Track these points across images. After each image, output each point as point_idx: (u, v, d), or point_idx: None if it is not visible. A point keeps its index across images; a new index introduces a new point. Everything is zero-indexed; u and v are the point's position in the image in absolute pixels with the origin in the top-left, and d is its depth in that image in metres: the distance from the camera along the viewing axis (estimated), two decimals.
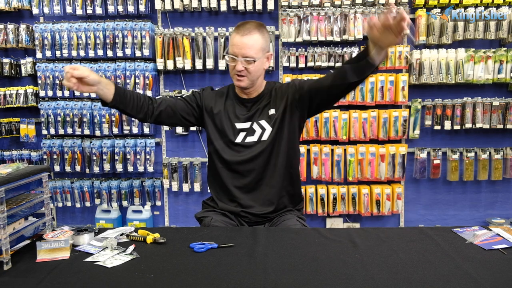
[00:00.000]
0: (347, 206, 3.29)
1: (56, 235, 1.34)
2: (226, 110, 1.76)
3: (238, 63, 1.63)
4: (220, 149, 1.74)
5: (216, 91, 1.83)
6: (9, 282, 1.13)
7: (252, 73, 1.65)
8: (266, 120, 1.72)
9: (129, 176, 3.50)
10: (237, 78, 1.67)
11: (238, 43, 1.62)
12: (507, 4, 3.11)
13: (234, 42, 1.64)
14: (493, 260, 1.23)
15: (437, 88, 3.33)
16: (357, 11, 3.11)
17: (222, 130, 1.74)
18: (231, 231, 1.55)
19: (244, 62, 1.63)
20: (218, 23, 3.34)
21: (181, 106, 1.76)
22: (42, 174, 1.46)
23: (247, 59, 1.62)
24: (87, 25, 3.28)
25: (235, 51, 1.63)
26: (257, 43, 1.64)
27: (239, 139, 1.73)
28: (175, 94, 3.28)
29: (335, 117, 3.19)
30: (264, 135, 1.72)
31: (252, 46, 1.62)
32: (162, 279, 1.12)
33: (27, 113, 3.53)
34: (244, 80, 1.66)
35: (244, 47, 1.62)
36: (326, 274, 1.14)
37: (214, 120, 1.76)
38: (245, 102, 1.76)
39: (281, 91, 1.75)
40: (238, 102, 1.77)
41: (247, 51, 1.62)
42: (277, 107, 1.72)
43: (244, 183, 1.74)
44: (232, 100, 1.78)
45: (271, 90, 1.77)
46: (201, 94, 1.80)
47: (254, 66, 1.64)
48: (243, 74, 1.64)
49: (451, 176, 3.30)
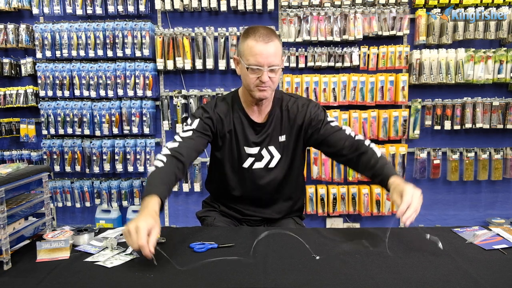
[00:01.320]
0: (347, 206, 3.29)
1: (56, 235, 1.34)
2: (235, 132, 1.64)
3: (263, 73, 1.47)
4: (228, 171, 1.68)
5: (219, 107, 1.64)
6: (9, 282, 1.13)
7: (275, 83, 1.54)
8: (275, 146, 1.64)
9: (129, 176, 3.50)
10: (260, 90, 1.51)
11: (263, 52, 1.46)
12: (507, 4, 3.11)
13: (257, 51, 1.46)
14: (493, 260, 1.23)
15: (437, 88, 3.33)
16: (357, 11, 3.11)
17: (231, 152, 1.66)
18: (231, 231, 1.55)
19: (269, 72, 1.49)
20: (218, 23, 3.34)
21: (199, 142, 1.57)
22: (42, 174, 1.46)
23: (273, 67, 1.49)
24: (87, 25, 3.28)
25: (259, 61, 1.47)
26: (279, 49, 1.52)
27: (247, 164, 1.65)
28: (175, 94, 3.28)
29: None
30: (272, 162, 1.65)
31: (276, 53, 1.49)
32: (162, 279, 1.12)
33: (27, 113, 3.53)
34: (268, 90, 1.53)
35: (269, 56, 1.47)
36: (326, 274, 1.14)
37: (224, 142, 1.65)
38: (255, 125, 1.64)
39: (294, 115, 1.63)
40: (248, 124, 1.64)
41: (273, 60, 1.48)
42: (288, 134, 1.64)
43: (247, 203, 1.72)
44: (241, 119, 1.64)
45: (281, 109, 1.64)
46: (212, 120, 1.61)
47: (278, 74, 1.53)
48: (268, 84, 1.51)
49: (451, 176, 3.30)
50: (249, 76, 1.50)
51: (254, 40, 1.48)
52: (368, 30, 3.14)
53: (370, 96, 3.18)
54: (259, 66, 1.47)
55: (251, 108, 1.63)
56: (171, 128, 3.38)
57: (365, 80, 3.15)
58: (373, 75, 3.17)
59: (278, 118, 1.64)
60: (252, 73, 1.50)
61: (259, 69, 1.48)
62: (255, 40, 1.47)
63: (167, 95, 3.35)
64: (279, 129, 1.64)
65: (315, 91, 3.19)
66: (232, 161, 1.66)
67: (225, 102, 1.66)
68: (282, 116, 1.64)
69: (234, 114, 1.64)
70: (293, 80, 3.18)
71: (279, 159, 1.65)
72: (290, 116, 1.64)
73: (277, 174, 1.66)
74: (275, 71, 1.51)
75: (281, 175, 1.67)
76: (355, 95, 3.19)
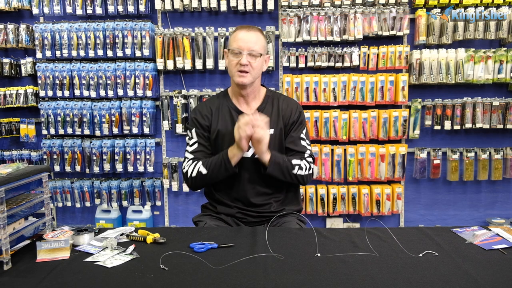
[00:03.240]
0: (347, 206, 3.29)
1: (56, 235, 1.34)
2: (225, 125, 1.72)
3: (243, 56, 1.62)
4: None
5: (209, 107, 1.76)
6: (9, 282, 1.13)
7: (255, 69, 1.66)
8: None
9: (129, 176, 3.50)
10: (239, 75, 1.65)
11: (244, 38, 1.63)
12: (507, 4, 3.11)
13: (239, 37, 1.64)
14: (493, 260, 1.24)
15: (437, 88, 3.33)
16: (357, 11, 3.11)
17: (221, 147, 1.71)
18: (231, 231, 1.55)
19: (249, 57, 1.63)
20: (218, 23, 3.34)
21: (208, 144, 1.74)
22: (42, 174, 1.46)
23: (253, 52, 1.63)
24: (87, 25, 3.28)
25: (240, 45, 1.63)
26: (261, 40, 1.67)
27: None
28: (175, 94, 3.29)
29: (335, 117, 3.19)
30: None
31: (257, 41, 1.65)
32: (162, 279, 1.12)
33: (27, 113, 3.53)
34: (247, 76, 1.65)
35: (250, 41, 1.63)
36: (326, 274, 1.14)
37: (217, 137, 1.73)
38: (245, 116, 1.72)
39: (283, 112, 1.74)
40: (237, 115, 1.70)
41: (253, 45, 1.63)
42: (275, 128, 1.72)
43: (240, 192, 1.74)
44: (230, 111, 1.74)
45: (272, 105, 1.75)
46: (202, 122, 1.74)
47: (258, 61, 1.65)
48: (247, 69, 1.63)
49: (451, 176, 3.30)
50: (231, 61, 1.66)
51: (239, 30, 1.68)
52: (368, 30, 3.14)
53: (370, 96, 3.18)
54: (239, 49, 1.63)
55: (239, 101, 1.76)
56: (171, 128, 3.38)
57: (365, 80, 3.15)
58: (373, 75, 3.17)
59: (268, 112, 1.73)
60: (233, 56, 1.65)
61: (240, 52, 1.63)
62: (239, 30, 1.68)
63: (167, 95, 3.35)
64: (269, 121, 1.69)
65: (315, 91, 3.19)
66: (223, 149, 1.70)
67: (215, 99, 1.81)
68: (272, 111, 1.75)
69: (224, 108, 1.76)
70: (293, 80, 3.18)
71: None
72: (279, 112, 1.75)
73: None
74: (254, 57, 1.64)
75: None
76: (355, 95, 3.19)
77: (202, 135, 1.74)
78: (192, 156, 1.72)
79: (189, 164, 1.70)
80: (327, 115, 3.19)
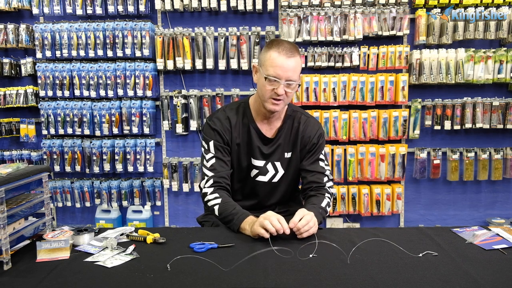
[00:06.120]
0: (347, 206, 3.29)
1: (56, 235, 1.34)
2: (243, 143, 1.67)
3: (280, 86, 1.51)
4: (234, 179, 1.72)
5: (228, 118, 1.66)
6: (9, 282, 1.13)
7: (289, 97, 1.58)
8: (281, 162, 1.69)
9: (129, 176, 3.50)
10: (273, 102, 1.55)
11: (284, 65, 1.49)
12: (507, 4, 3.11)
13: (278, 64, 1.49)
14: (493, 260, 1.23)
15: (437, 88, 3.33)
16: (357, 11, 3.11)
17: (238, 162, 1.69)
18: (231, 231, 1.55)
19: (286, 86, 1.52)
20: (218, 23, 3.34)
21: (226, 158, 1.65)
22: (42, 174, 1.46)
23: (290, 82, 1.52)
24: (87, 25, 3.28)
25: (279, 74, 1.50)
26: (299, 66, 1.55)
27: (252, 174, 1.70)
28: (175, 94, 3.28)
29: (335, 117, 3.19)
30: (276, 177, 1.70)
31: (296, 69, 1.53)
32: (162, 279, 1.12)
33: (27, 113, 3.53)
34: (280, 104, 1.56)
35: (289, 70, 1.50)
36: (326, 274, 1.14)
37: (232, 151, 1.68)
38: (264, 139, 1.68)
39: (303, 134, 1.68)
40: (258, 137, 1.67)
41: (292, 75, 1.51)
42: (293, 151, 1.69)
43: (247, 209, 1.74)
44: (250, 131, 1.67)
45: (292, 126, 1.69)
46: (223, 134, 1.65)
47: (294, 90, 1.56)
48: (281, 98, 1.54)
49: (451, 176, 3.30)
50: (266, 87, 1.53)
51: (277, 52, 1.51)
52: (368, 30, 3.14)
53: (370, 96, 3.18)
54: (277, 78, 1.50)
55: (261, 120, 1.67)
56: (171, 128, 3.38)
57: (365, 80, 3.15)
58: (373, 75, 3.17)
59: (288, 135, 1.68)
60: (269, 84, 1.52)
61: (276, 81, 1.51)
62: (278, 52, 1.50)
63: (167, 95, 3.35)
64: (287, 145, 1.69)
65: (315, 91, 3.19)
66: (238, 170, 1.69)
67: (235, 112, 1.68)
68: (291, 133, 1.69)
69: (244, 125, 1.67)
70: None
71: (282, 174, 1.70)
72: (298, 134, 1.69)
73: (280, 188, 1.72)
74: (291, 87, 1.54)
75: (283, 188, 1.73)
76: (355, 95, 3.19)
77: (221, 148, 1.64)
78: (212, 174, 1.60)
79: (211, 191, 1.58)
80: (327, 115, 3.19)
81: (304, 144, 1.69)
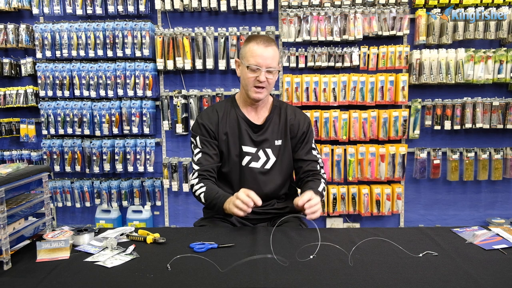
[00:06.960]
0: (347, 206, 3.29)
1: (56, 235, 1.34)
2: (233, 131, 1.74)
3: (261, 74, 1.63)
4: (227, 169, 1.75)
5: (215, 111, 1.76)
6: (9, 282, 1.13)
7: (271, 85, 1.68)
8: (272, 149, 1.75)
9: (129, 176, 3.50)
10: (256, 91, 1.66)
11: (263, 54, 1.63)
12: (507, 4, 3.11)
13: (258, 53, 1.63)
14: (493, 260, 1.24)
15: (437, 88, 3.33)
16: (357, 11, 3.11)
17: (228, 151, 1.74)
18: (231, 231, 1.55)
19: (267, 73, 1.64)
20: (218, 23, 3.34)
21: (212, 151, 1.72)
22: (42, 174, 1.46)
23: (271, 69, 1.64)
24: (87, 25, 3.28)
25: (259, 62, 1.63)
26: (277, 55, 1.68)
27: (244, 162, 1.74)
28: (175, 94, 3.29)
29: (335, 117, 3.19)
30: (268, 163, 1.74)
31: (274, 57, 1.65)
32: (162, 279, 1.12)
33: (27, 113, 3.53)
34: (264, 92, 1.67)
35: (268, 58, 1.63)
36: (326, 274, 1.14)
37: (222, 141, 1.74)
38: (253, 126, 1.75)
39: (292, 122, 1.77)
40: (246, 125, 1.74)
41: (271, 62, 1.64)
42: (284, 139, 1.76)
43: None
44: (238, 119, 1.74)
45: (279, 115, 1.77)
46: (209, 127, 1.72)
47: (275, 77, 1.67)
48: (264, 85, 1.65)
49: (451, 176, 3.30)
50: (248, 75, 1.66)
51: (255, 43, 1.65)
52: (368, 30, 3.14)
53: (370, 96, 3.18)
54: (258, 66, 1.63)
55: (248, 110, 1.76)
56: (171, 128, 3.38)
57: (365, 80, 3.15)
58: (373, 75, 3.17)
59: (276, 123, 1.77)
60: (251, 73, 1.65)
61: (258, 69, 1.64)
62: (257, 44, 1.65)
63: (167, 95, 3.35)
64: (276, 133, 1.76)
65: (315, 91, 3.19)
66: (230, 160, 1.74)
67: (223, 105, 1.79)
68: (279, 122, 1.77)
69: (231, 115, 1.76)
70: (293, 80, 3.18)
71: (274, 161, 1.75)
72: (287, 123, 1.77)
73: (273, 176, 1.76)
74: (272, 73, 1.66)
75: (277, 177, 1.76)
76: (355, 95, 3.19)
77: (206, 142, 1.72)
78: (198, 168, 1.70)
79: (196, 182, 1.67)
80: (327, 115, 3.19)
81: (294, 133, 1.77)
